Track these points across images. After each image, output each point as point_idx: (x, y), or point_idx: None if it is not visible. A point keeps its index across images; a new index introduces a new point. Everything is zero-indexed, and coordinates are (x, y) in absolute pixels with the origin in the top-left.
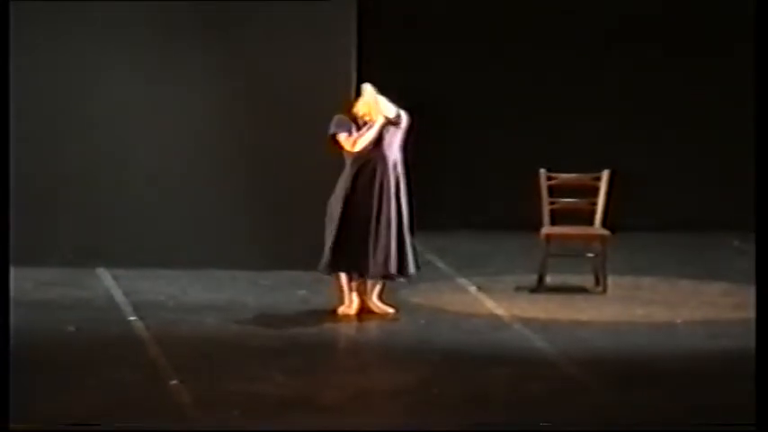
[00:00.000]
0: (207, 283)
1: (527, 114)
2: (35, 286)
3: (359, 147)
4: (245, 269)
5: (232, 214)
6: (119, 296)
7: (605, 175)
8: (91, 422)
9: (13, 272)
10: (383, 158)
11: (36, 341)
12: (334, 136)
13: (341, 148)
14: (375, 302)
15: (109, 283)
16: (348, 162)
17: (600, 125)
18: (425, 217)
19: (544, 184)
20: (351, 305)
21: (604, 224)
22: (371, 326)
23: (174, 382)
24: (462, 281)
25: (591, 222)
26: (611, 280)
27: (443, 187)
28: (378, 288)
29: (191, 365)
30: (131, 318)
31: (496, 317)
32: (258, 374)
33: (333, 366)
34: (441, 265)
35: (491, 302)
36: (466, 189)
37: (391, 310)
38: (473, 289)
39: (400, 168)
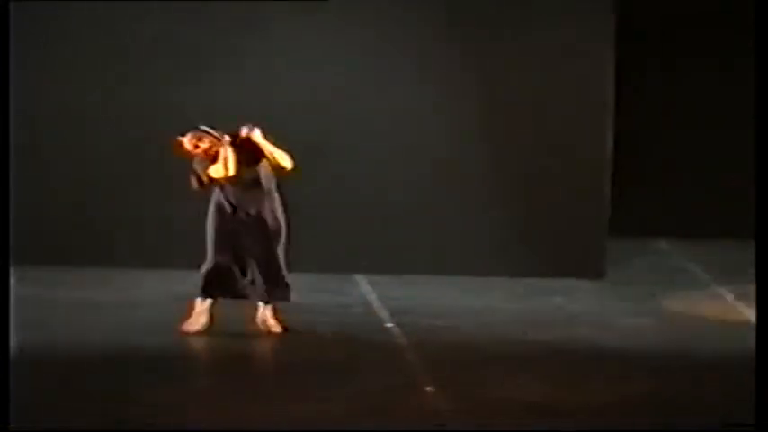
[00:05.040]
0: (461, 289)
1: None
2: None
3: (232, 170)
4: (498, 275)
5: (481, 220)
6: (375, 302)
7: None
8: (348, 426)
9: None
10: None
11: (297, 344)
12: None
13: (211, 180)
14: (266, 321)
15: (365, 288)
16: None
17: None
18: (686, 225)
19: None
20: (196, 323)
21: None
22: (628, 332)
23: (430, 388)
24: (720, 289)
25: None
26: None
27: (704, 195)
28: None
29: (447, 371)
30: (388, 324)
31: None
32: (511, 381)
33: (592, 373)
34: (699, 273)
35: (749, 311)
36: (727, 197)
37: (278, 329)
38: (730, 297)
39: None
